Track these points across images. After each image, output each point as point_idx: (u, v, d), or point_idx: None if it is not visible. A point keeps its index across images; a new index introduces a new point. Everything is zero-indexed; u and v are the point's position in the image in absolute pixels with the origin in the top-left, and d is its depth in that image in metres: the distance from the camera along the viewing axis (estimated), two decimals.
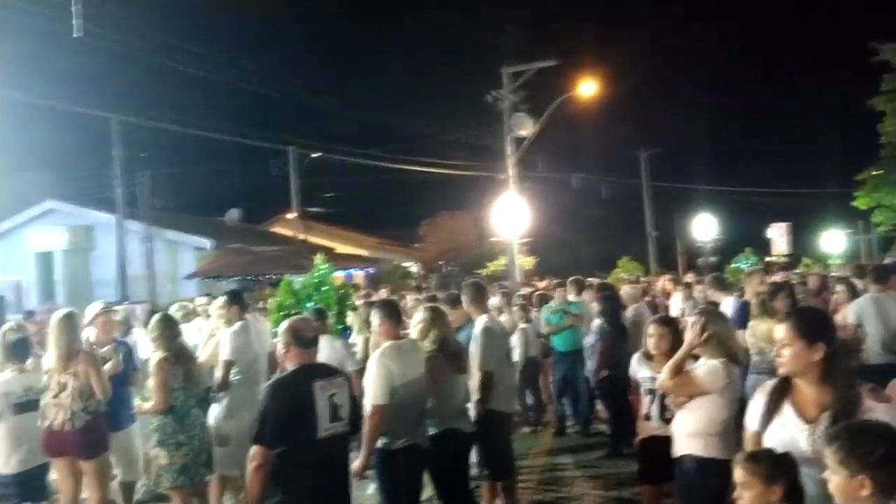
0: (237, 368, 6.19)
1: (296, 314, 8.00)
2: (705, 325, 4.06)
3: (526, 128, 20.70)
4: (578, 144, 37.13)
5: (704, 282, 10.39)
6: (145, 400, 5.57)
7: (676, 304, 11.13)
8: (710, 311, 4.37)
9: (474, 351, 5.80)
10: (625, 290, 9.98)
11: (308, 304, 8.33)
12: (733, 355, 4.07)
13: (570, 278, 10.17)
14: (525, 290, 12.87)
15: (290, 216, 28.90)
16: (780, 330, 3.11)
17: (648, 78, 45.63)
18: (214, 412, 6.10)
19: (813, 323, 3.15)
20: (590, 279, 19.10)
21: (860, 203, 29.64)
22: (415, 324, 5.45)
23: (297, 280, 9.28)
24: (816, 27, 49.10)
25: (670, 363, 4.12)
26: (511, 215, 20.36)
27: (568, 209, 35.60)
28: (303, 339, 4.12)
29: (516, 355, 8.52)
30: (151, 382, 5.46)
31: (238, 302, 6.61)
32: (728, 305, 7.71)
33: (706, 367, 4.05)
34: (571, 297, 9.71)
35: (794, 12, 51.46)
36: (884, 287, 7.63)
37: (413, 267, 32.09)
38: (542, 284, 15.95)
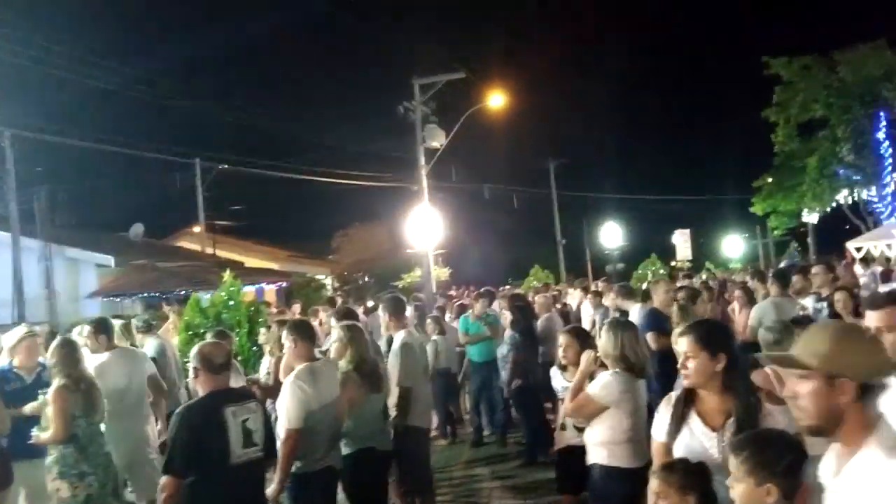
0: (107, 401, 5.90)
1: (204, 333, 7.79)
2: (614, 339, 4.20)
3: (438, 139, 20.81)
4: (490, 154, 37.63)
5: (613, 290, 10.69)
6: (43, 430, 5.28)
7: (587, 313, 11.40)
8: (616, 322, 4.48)
9: (393, 366, 5.78)
10: (536, 300, 10.15)
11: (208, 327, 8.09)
12: (633, 365, 4.18)
13: (482, 289, 10.27)
14: (443, 302, 12.89)
15: (196, 230, 28.11)
16: (683, 343, 3.23)
17: (558, 89, 46.77)
18: None
19: (714, 334, 3.27)
20: (503, 288, 19.39)
21: (757, 209, 31.26)
22: (331, 342, 5.38)
23: (206, 297, 9.03)
24: (718, 41, 51.80)
25: (570, 390, 4.27)
26: (424, 227, 20.41)
27: (481, 219, 36.04)
28: (213, 364, 4.01)
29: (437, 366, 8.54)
30: (50, 411, 5.18)
31: (105, 331, 6.31)
32: (635, 313, 7.96)
33: (599, 383, 4.16)
34: (485, 308, 9.79)
35: (696, 26, 53.94)
36: (784, 290, 8.02)
37: (327, 279, 31.72)
38: (454, 293, 16.06)
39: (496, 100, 21.09)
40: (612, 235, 34.08)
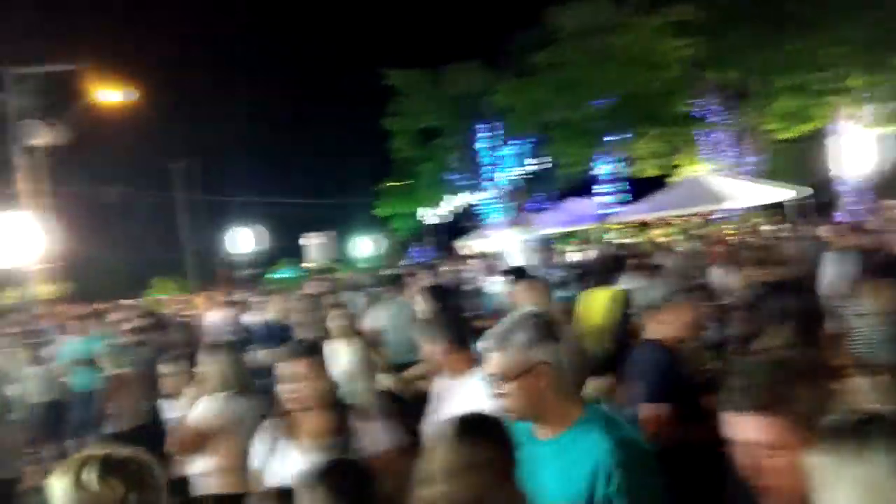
0: None
1: None
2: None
3: (42, 137, 18.45)
4: (111, 155, 34.35)
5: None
6: None
7: (214, 324, 10.89)
8: (213, 345, 4.29)
9: None
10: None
11: None
12: (239, 386, 4.02)
13: (89, 310, 9.26)
14: (39, 324, 11.21)
15: None
16: (294, 365, 3.13)
17: (187, 88, 44.33)
18: None
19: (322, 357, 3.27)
20: (125, 301, 17.86)
21: (380, 212, 33.26)
22: None
23: None
24: (344, 53, 53.57)
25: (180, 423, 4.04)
26: (24, 237, 17.81)
27: (101, 226, 32.77)
28: None
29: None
30: None
31: None
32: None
33: (203, 410, 3.94)
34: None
35: (321, 38, 55.26)
36: (398, 293, 8.52)
37: None
38: (60, 309, 14.28)
39: (114, 95, 19.35)
40: (243, 240, 33.32)
